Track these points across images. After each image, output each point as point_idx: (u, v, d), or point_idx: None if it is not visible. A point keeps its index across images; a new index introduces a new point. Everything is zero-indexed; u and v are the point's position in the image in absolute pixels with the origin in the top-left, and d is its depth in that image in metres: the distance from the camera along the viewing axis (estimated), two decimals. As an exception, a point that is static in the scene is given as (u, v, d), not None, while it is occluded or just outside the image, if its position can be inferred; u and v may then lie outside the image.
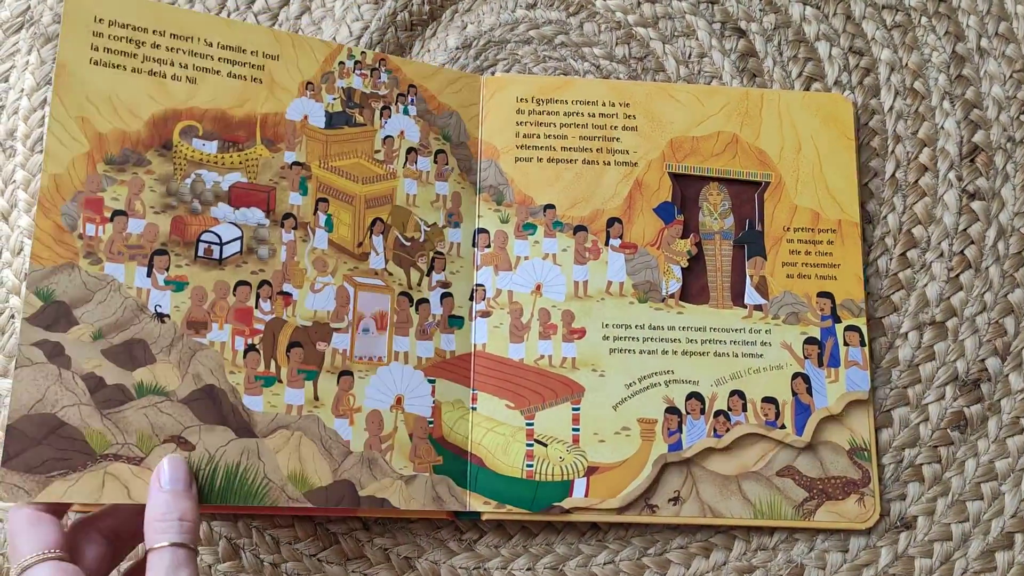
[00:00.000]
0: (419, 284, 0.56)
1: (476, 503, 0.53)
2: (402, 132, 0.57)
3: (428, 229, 0.56)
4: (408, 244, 0.56)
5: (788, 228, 0.59)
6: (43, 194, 0.48)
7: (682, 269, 0.58)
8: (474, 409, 0.55)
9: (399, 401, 0.54)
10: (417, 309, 0.55)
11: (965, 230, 0.59)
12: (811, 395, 0.56)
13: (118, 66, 0.51)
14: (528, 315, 0.56)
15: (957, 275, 0.58)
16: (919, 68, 0.61)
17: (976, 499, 0.55)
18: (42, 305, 0.47)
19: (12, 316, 0.58)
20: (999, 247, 0.59)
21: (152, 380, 0.48)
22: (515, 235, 0.57)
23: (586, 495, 0.54)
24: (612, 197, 0.59)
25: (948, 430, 0.56)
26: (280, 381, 0.51)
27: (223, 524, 0.55)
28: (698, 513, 0.55)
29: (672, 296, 0.58)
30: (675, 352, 0.57)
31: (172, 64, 0.52)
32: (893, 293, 0.58)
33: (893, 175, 0.60)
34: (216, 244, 0.51)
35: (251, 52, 0.54)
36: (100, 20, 0.51)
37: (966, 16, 0.62)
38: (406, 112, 0.57)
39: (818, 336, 0.57)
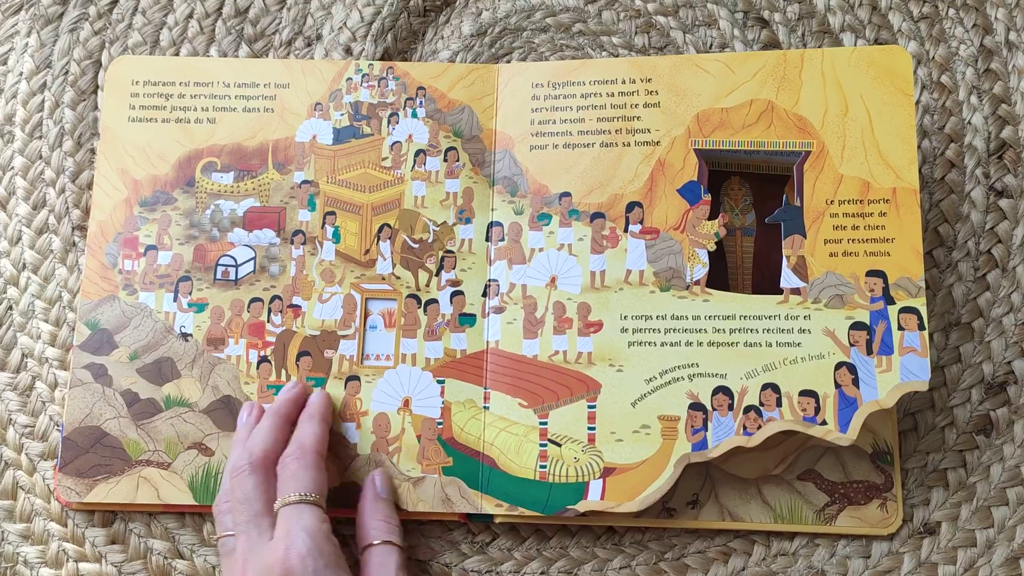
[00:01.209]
0: (428, 285, 0.56)
1: (488, 505, 0.52)
2: (410, 136, 0.57)
3: (437, 229, 0.56)
4: (416, 246, 0.56)
5: (832, 201, 0.54)
6: (91, 239, 0.55)
7: (709, 254, 0.54)
8: (487, 408, 0.54)
9: (406, 403, 0.54)
10: (426, 310, 0.55)
11: (992, 228, 0.57)
12: (858, 387, 0.51)
13: (151, 119, 0.57)
14: (542, 309, 0.54)
15: (984, 275, 0.56)
16: (946, 61, 0.59)
17: (1001, 504, 0.54)
18: (90, 333, 0.54)
19: (10, 307, 0.56)
20: (1027, 246, 0.56)
21: (178, 393, 0.54)
22: (529, 227, 0.56)
23: (602, 498, 0.52)
24: (632, 180, 0.55)
25: (973, 434, 0.54)
26: None
27: (228, 525, 0.53)
28: (717, 517, 0.53)
29: (698, 283, 0.54)
30: (700, 343, 0.53)
31: (195, 109, 0.57)
32: (918, 293, 0.56)
33: (919, 171, 0.57)
34: (232, 266, 0.55)
35: (263, 85, 0.57)
36: (136, 82, 0.57)
37: (994, 8, 0.60)
38: (414, 115, 0.58)
39: (866, 320, 0.52)
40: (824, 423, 0.51)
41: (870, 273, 0.52)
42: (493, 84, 0.58)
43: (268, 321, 0.55)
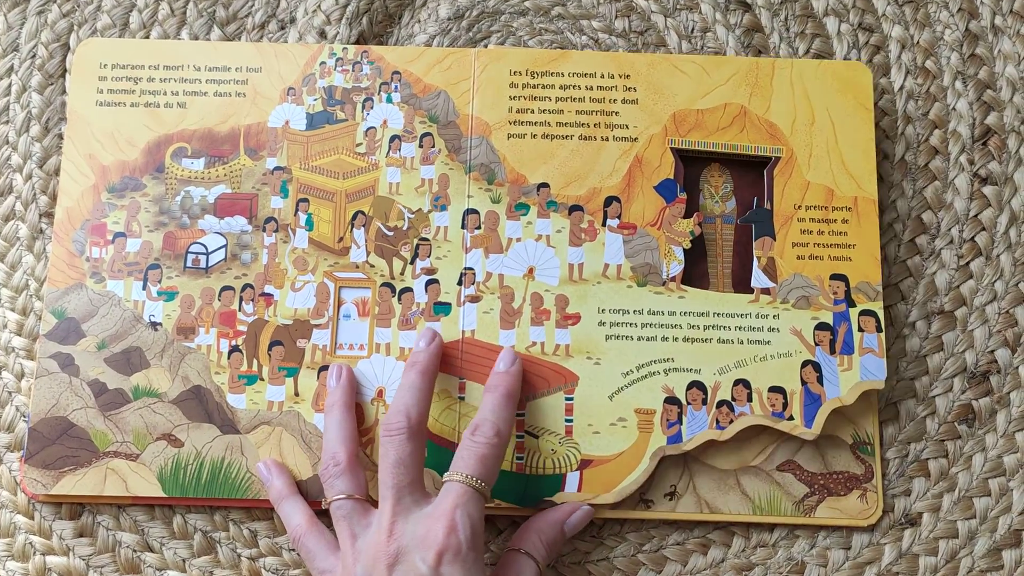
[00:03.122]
0: (402, 273, 0.55)
1: None
2: (384, 121, 0.57)
3: (412, 216, 0.56)
4: (390, 234, 0.55)
5: (799, 206, 0.55)
6: (57, 226, 0.54)
7: (684, 251, 0.55)
8: (462, 399, 0.53)
9: (380, 393, 0.54)
10: (400, 299, 0.55)
11: (976, 216, 0.56)
12: (822, 384, 0.53)
13: (119, 103, 0.56)
14: (520, 300, 0.54)
15: (967, 263, 0.56)
16: (931, 46, 0.58)
17: (983, 495, 0.53)
18: (56, 322, 0.54)
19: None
20: (1011, 234, 0.56)
21: (147, 383, 0.53)
22: (507, 216, 0.55)
23: (579, 490, 0.52)
24: (610, 175, 0.56)
25: (955, 424, 0.54)
26: (262, 379, 0.54)
27: (199, 517, 0.53)
28: (695, 508, 0.53)
29: (673, 279, 0.55)
30: (676, 339, 0.54)
31: (165, 94, 0.56)
32: (901, 281, 0.56)
33: (903, 158, 0.57)
34: (203, 254, 0.54)
35: (235, 69, 0.57)
36: (104, 65, 0.56)
37: (980, -8, 0.59)
38: (389, 100, 0.57)
39: (830, 321, 0.54)
40: (791, 418, 0.53)
41: (833, 276, 0.54)
42: (470, 69, 0.57)
43: (239, 310, 0.55)
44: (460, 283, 0.55)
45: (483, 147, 0.56)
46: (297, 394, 0.53)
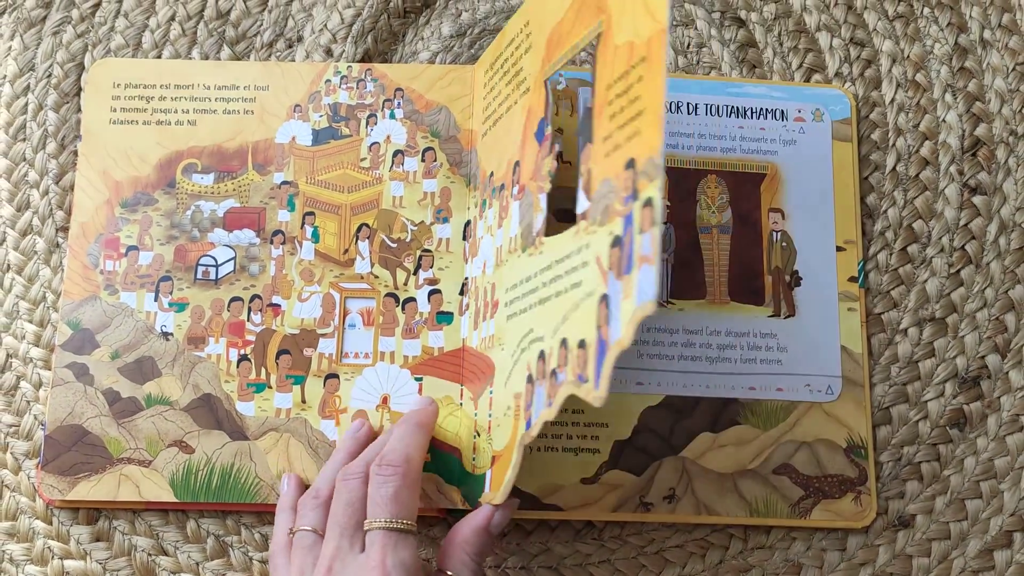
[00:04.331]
0: (405, 284, 0.56)
1: (459, 500, 0.53)
2: (388, 137, 0.59)
3: (415, 228, 0.57)
4: (394, 245, 0.57)
5: (610, 86, 0.40)
6: (72, 240, 0.56)
7: (548, 196, 0.46)
8: (462, 405, 0.54)
9: (385, 401, 0.55)
10: (404, 309, 0.56)
11: (966, 225, 0.58)
12: (609, 324, 0.38)
13: (132, 122, 0.58)
14: (481, 297, 0.55)
15: (958, 271, 0.57)
16: (921, 60, 0.60)
17: (975, 497, 0.54)
18: (72, 333, 0.55)
19: (-10, 312, 0.56)
20: (1000, 242, 0.57)
21: (159, 392, 0.55)
22: (479, 217, 0.56)
23: (489, 489, 0.50)
24: (516, 139, 0.52)
25: (947, 427, 0.55)
26: (270, 387, 0.55)
27: (212, 521, 0.55)
28: (693, 511, 0.54)
29: (538, 234, 0.46)
30: (535, 304, 0.46)
31: (176, 112, 0.58)
32: (893, 288, 0.57)
33: (894, 169, 0.58)
34: (212, 266, 0.56)
35: (243, 87, 0.58)
36: (117, 84, 0.58)
37: (969, 7, 0.61)
38: (392, 116, 0.59)
39: (621, 232, 0.38)
40: (587, 380, 0.39)
41: (627, 166, 0.38)
42: (470, 85, 0.59)
43: (248, 320, 0.56)
44: (462, 293, 0.56)
45: (473, 156, 0.57)
46: (304, 401, 0.54)
